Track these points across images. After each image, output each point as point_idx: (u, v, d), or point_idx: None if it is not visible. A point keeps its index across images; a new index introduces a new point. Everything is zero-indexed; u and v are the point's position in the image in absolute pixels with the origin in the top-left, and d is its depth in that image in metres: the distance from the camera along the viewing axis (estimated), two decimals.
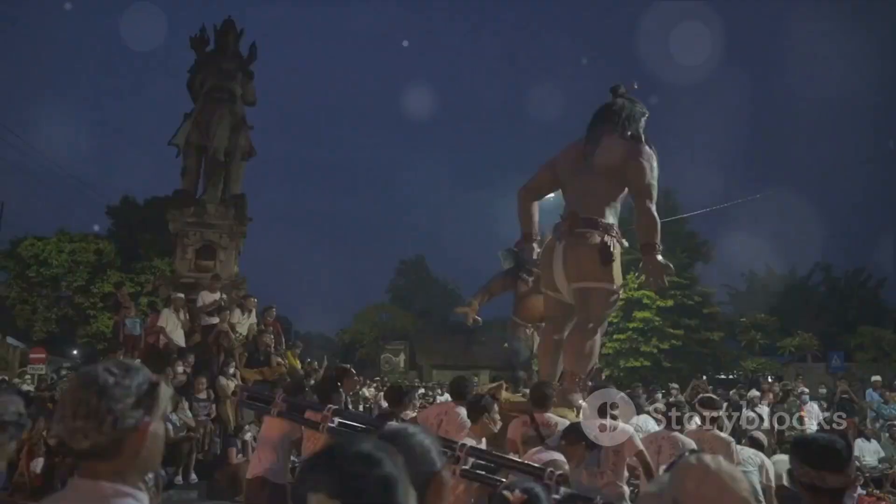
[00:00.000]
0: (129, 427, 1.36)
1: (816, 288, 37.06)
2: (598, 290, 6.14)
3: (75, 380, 1.39)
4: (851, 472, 2.06)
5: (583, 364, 6.10)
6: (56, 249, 26.93)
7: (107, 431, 1.33)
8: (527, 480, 2.52)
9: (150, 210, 29.11)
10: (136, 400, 1.38)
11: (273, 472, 5.16)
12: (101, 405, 1.34)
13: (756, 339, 26.29)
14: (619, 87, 6.78)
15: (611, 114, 6.56)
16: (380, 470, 1.05)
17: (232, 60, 14.32)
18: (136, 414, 1.38)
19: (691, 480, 1.59)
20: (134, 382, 1.39)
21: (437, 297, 46.10)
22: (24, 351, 24.26)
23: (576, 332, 6.25)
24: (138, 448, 1.39)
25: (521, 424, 5.06)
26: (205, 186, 13.68)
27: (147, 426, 1.40)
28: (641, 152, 6.25)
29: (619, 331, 25.89)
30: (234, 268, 13.56)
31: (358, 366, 37.70)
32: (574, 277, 6.20)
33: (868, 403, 12.93)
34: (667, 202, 28.17)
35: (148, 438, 1.40)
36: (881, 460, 10.52)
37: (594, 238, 6.12)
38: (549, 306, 6.83)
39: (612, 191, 6.39)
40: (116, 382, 1.37)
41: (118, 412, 1.35)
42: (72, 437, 1.34)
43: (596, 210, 6.25)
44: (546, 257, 6.57)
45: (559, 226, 6.51)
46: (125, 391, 1.37)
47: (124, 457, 1.37)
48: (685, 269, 27.21)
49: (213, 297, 11.64)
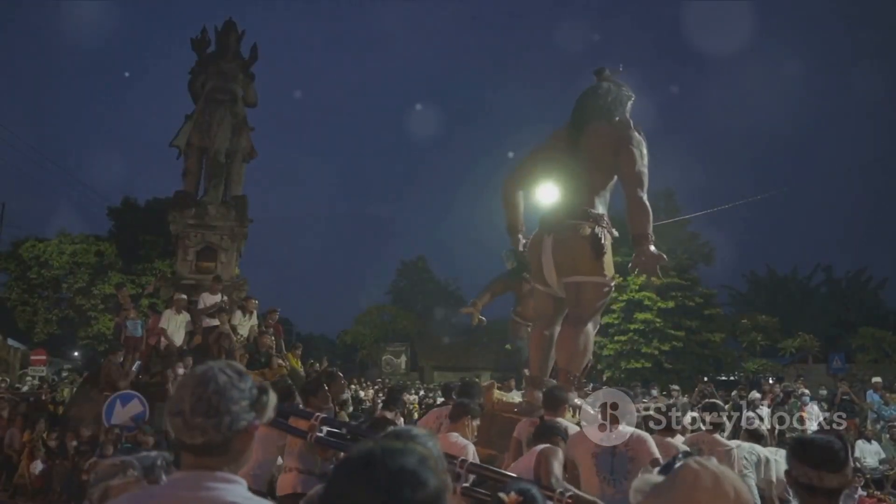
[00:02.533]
0: (241, 428, 1.42)
1: (817, 289, 37.10)
2: (590, 284, 5.89)
3: (194, 378, 1.43)
4: (849, 472, 2.06)
5: (577, 361, 5.86)
6: (57, 251, 26.95)
7: (223, 431, 1.39)
8: (522, 482, 2.52)
9: (151, 211, 29.14)
10: (249, 403, 1.44)
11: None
12: (221, 405, 1.39)
13: (757, 341, 26.25)
14: (603, 70, 6.44)
15: (596, 98, 6.22)
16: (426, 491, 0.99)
17: (233, 62, 14.33)
18: (248, 416, 1.43)
19: (686, 483, 1.58)
20: (247, 386, 1.45)
21: (439, 299, 46.08)
22: (24, 353, 24.32)
23: (568, 328, 5.98)
24: (245, 448, 1.46)
25: (528, 425, 4.87)
26: (206, 188, 13.68)
27: (255, 429, 1.46)
28: (630, 139, 5.94)
29: (620, 332, 25.86)
30: (235, 269, 13.56)
31: (359, 367, 37.90)
32: (565, 271, 5.95)
33: (869, 404, 12.91)
34: (668, 203, 28.26)
35: (253, 440, 1.47)
36: (882, 461, 10.52)
37: (584, 230, 5.86)
38: (538, 301, 6.55)
39: (600, 179, 6.10)
40: (233, 385, 1.42)
41: (235, 413, 1.40)
42: (187, 433, 1.39)
43: (585, 200, 5.99)
44: (534, 250, 6.29)
45: (547, 217, 6.25)
46: (241, 393, 1.43)
47: (230, 454, 1.43)
48: (686, 270, 27.22)
49: (215, 298, 11.64)
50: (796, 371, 21.30)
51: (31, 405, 12.51)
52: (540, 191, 6.97)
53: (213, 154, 13.55)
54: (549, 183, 6.58)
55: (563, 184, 6.24)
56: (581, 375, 5.90)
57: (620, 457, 4.17)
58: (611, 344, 25.99)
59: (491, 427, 5.59)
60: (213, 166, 13.59)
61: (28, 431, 10.66)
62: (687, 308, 26.14)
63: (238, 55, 14.56)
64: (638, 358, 25.54)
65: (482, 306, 7.74)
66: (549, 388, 5.28)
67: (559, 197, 6.22)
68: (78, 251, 27.12)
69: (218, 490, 1.38)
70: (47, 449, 10.25)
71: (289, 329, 30.44)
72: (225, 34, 14.51)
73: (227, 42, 14.43)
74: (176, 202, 13.44)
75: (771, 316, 26.95)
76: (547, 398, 5.00)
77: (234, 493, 1.40)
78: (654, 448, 4.17)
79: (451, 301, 46.27)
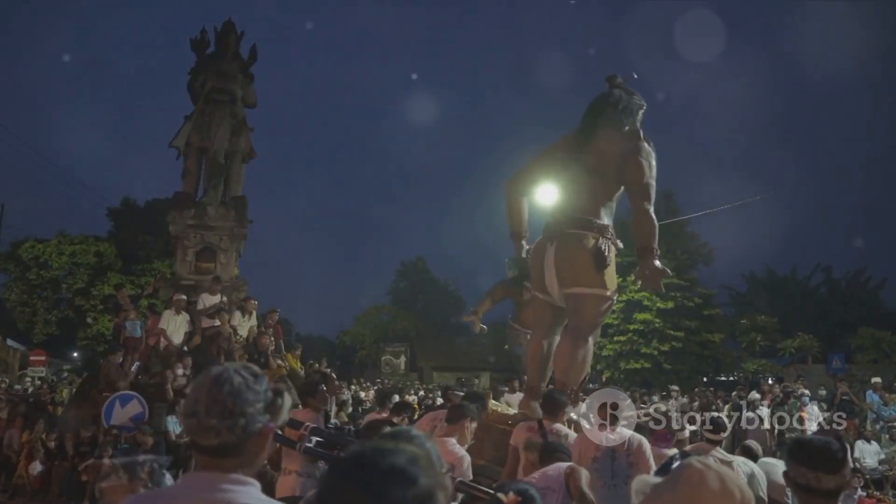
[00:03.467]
0: (256, 430, 1.41)
1: (817, 289, 37.11)
2: (591, 297, 5.75)
3: (209, 379, 1.42)
4: (847, 473, 2.07)
5: (574, 374, 5.73)
6: (56, 251, 26.96)
7: (238, 433, 1.38)
8: (520, 482, 2.51)
9: (151, 212, 29.15)
10: (264, 405, 1.43)
11: None
12: (236, 407, 1.38)
13: (756, 341, 26.26)
14: (615, 77, 6.29)
15: (607, 106, 6.08)
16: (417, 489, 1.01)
17: (232, 62, 14.33)
18: (263, 418, 1.42)
19: (692, 482, 1.57)
20: (262, 388, 1.44)
21: (438, 299, 46.11)
22: (24, 353, 24.31)
23: (567, 340, 5.88)
24: (259, 450, 1.45)
25: (525, 430, 4.75)
26: (205, 188, 13.68)
27: (271, 431, 1.45)
28: (640, 149, 5.81)
29: (620, 332, 25.89)
30: (235, 270, 13.55)
31: (358, 368, 37.91)
32: (566, 282, 5.82)
33: (868, 405, 12.91)
34: (667, 204, 28.22)
35: (268, 442, 1.47)
36: (881, 462, 10.52)
37: (588, 241, 5.74)
38: (538, 309, 6.42)
39: (607, 189, 5.96)
40: (249, 386, 1.41)
41: (250, 415, 1.39)
42: (202, 434, 1.38)
43: (590, 210, 5.87)
44: (536, 258, 6.15)
45: (550, 224, 6.11)
46: (256, 395, 1.42)
47: (245, 456, 1.42)
48: (685, 270, 27.22)
49: (214, 299, 11.64)
50: (796, 371, 21.28)
51: (30, 406, 12.50)
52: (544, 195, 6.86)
53: (212, 155, 13.55)
54: (554, 188, 6.45)
55: (567, 191, 6.13)
56: (578, 389, 5.76)
57: (620, 461, 4.12)
58: (610, 344, 26.02)
59: (485, 438, 5.46)
60: (213, 167, 13.59)
61: (27, 432, 10.65)
62: (686, 308, 26.18)
63: (237, 56, 14.56)
64: (637, 358, 25.58)
65: (483, 313, 7.75)
66: (549, 392, 5.18)
67: (563, 204, 6.10)
68: (77, 252, 27.14)
69: (232, 492, 1.38)
70: (46, 449, 10.24)
71: (288, 330, 30.46)
72: (224, 35, 14.51)
73: (226, 43, 14.43)
74: (175, 203, 13.43)
75: (770, 316, 26.97)
76: (546, 402, 4.89)
77: (247, 496, 1.40)
78: (652, 461, 4.13)
79: (450, 302, 46.32)
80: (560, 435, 4.60)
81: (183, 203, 13.27)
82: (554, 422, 4.71)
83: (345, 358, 40.18)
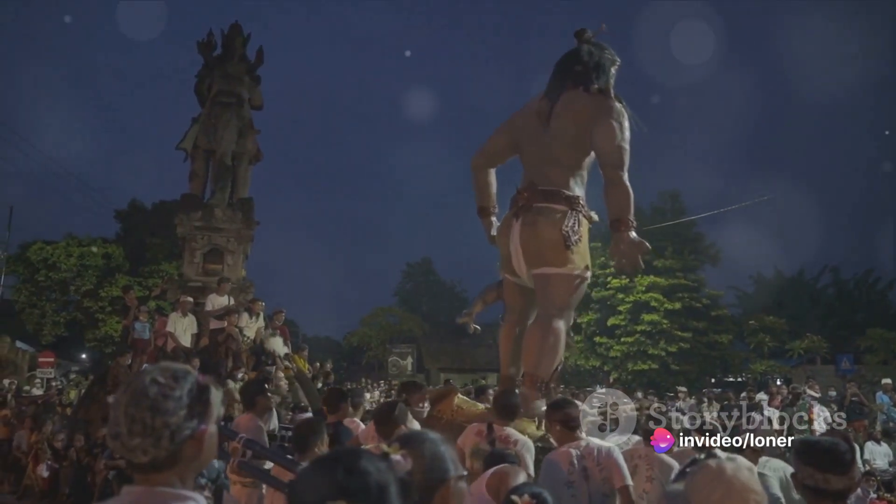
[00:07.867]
0: (185, 438, 1.35)
1: (825, 290, 36.90)
2: (558, 277, 5.10)
3: (125, 396, 1.35)
4: (855, 474, 2.06)
5: (545, 364, 5.10)
6: (64, 253, 27.11)
7: (165, 446, 1.33)
8: (534, 485, 2.51)
9: (158, 214, 29.29)
10: (188, 410, 1.36)
11: None
12: (157, 422, 1.32)
13: (764, 342, 26.17)
14: (584, 32, 5.55)
15: (575, 64, 5.38)
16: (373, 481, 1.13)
17: (239, 64, 14.39)
18: (191, 424, 1.36)
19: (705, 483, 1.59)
20: (184, 390, 1.37)
21: (445, 300, 46.13)
22: (32, 355, 24.41)
23: (535, 326, 5.25)
24: (196, 455, 1.39)
25: (473, 434, 4.21)
26: (212, 190, 13.74)
27: (203, 433, 1.39)
28: (610, 110, 5.08)
29: (627, 334, 25.85)
30: (242, 271, 13.60)
31: (365, 369, 37.95)
32: (533, 262, 5.19)
33: (878, 406, 12.84)
34: (674, 204, 28.19)
35: (205, 443, 1.40)
36: (891, 463, 10.44)
37: (555, 214, 5.10)
38: (508, 293, 5.76)
39: (576, 156, 5.30)
40: (166, 395, 1.34)
41: (174, 426, 1.33)
42: (130, 454, 1.34)
43: (558, 180, 5.23)
44: (503, 236, 5.48)
45: (516, 198, 5.44)
46: (177, 403, 1.35)
47: (181, 464, 1.37)
48: (692, 271, 27.16)
49: (222, 300, 11.68)
50: (805, 373, 21.18)
51: (38, 407, 12.58)
52: None
53: (219, 157, 13.62)
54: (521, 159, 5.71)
55: (533, 160, 5.45)
56: (550, 380, 5.18)
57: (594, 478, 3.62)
58: (617, 345, 26.00)
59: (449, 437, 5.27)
60: (220, 169, 13.65)
61: (35, 433, 10.71)
62: (694, 309, 26.11)
63: (244, 58, 14.61)
64: (645, 359, 25.53)
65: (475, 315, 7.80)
66: (501, 393, 4.66)
67: (529, 175, 5.44)
68: (85, 254, 27.29)
69: None
70: (55, 451, 10.29)
71: (295, 331, 30.52)
72: (231, 37, 14.57)
73: (232, 45, 14.49)
74: (183, 205, 13.50)
75: (778, 317, 26.87)
76: (498, 405, 4.39)
77: None
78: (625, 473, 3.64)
79: (456, 303, 46.32)
80: (510, 441, 4.08)
81: (190, 205, 13.34)
82: (506, 426, 4.21)
83: (352, 359, 40.25)
